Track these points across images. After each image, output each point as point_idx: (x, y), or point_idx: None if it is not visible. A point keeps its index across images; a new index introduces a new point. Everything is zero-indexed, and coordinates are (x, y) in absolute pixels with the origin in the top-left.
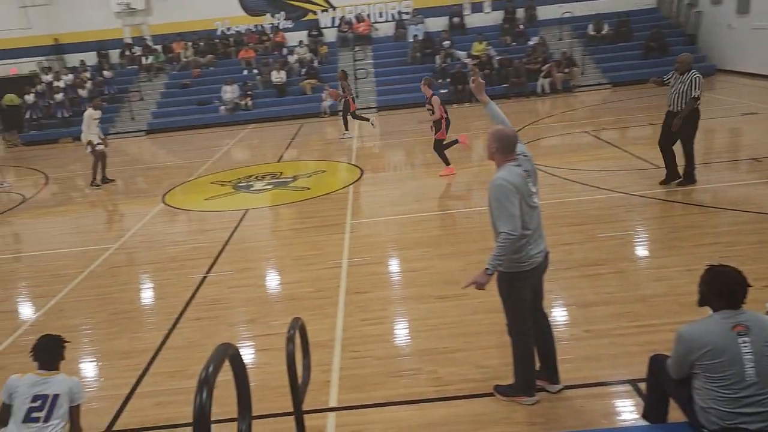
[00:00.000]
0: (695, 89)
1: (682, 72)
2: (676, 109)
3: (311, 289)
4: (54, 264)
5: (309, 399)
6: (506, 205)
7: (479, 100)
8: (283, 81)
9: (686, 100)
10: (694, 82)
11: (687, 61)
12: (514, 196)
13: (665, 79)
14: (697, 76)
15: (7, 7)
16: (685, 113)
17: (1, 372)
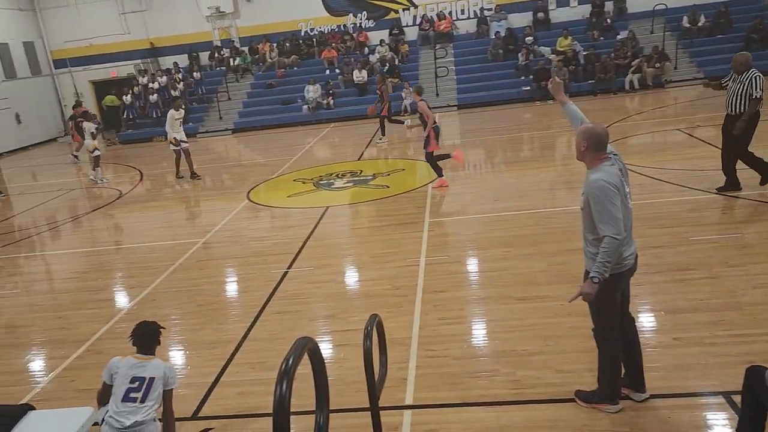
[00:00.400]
0: (756, 89)
1: (740, 72)
2: (735, 112)
3: (389, 286)
4: (147, 256)
5: (385, 396)
6: (610, 208)
7: (557, 100)
8: (364, 80)
9: (746, 102)
10: (753, 82)
11: (742, 60)
12: (616, 197)
13: (723, 81)
14: (756, 74)
15: (108, 15)
16: (748, 115)
17: (99, 356)
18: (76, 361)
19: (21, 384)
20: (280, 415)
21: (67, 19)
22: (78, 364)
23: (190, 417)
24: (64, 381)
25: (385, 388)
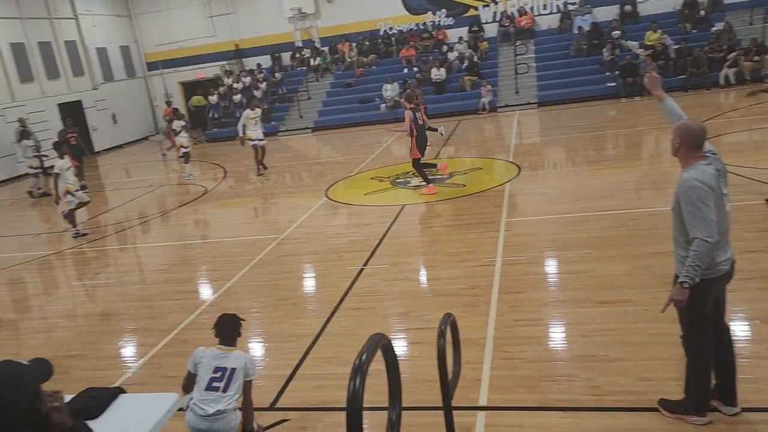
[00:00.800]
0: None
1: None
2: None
3: (464, 285)
4: (230, 251)
5: (458, 395)
6: (702, 209)
7: (654, 96)
8: (442, 78)
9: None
10: None
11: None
12: (709, 198)
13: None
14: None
15: (196, 18)
16: None
17: (184, 345)
18: (163, 349)
19: (113, 368)
20: (353, 410)
21: (159, 23)
22: (165, 351)
23: (268, 407)
24: (152, 368)
25: (459, 388)
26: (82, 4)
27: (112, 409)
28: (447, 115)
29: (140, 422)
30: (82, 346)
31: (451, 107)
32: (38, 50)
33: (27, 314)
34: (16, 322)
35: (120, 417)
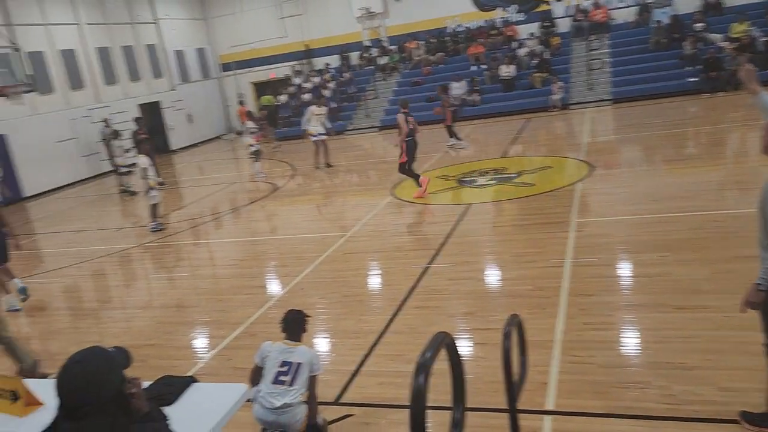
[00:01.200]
0: None
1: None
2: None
3: (531, 287)
4: (297, 247)
5: (524, 398)
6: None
7: (749, 89)
8: (511, 75)
9: None
10: None
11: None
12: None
13: None
14: None
15: (268, 20)
16: None
17: (253, 338)
18: (234, 341)
19: (187, 358)
20: (417, 407)
21: (233, 26)
22: (235, 344)
23: (333, 402)
24: (223, 359)
25: (525, 391)
26: (161, 9)
27: (186, 396)
28: (516, 112)
29: (211, 411)
30: (159, 336)
31: (520, 105)
32: (121, 54)
33: (108, 304)
34: (98, 311)
35: (192, 405)
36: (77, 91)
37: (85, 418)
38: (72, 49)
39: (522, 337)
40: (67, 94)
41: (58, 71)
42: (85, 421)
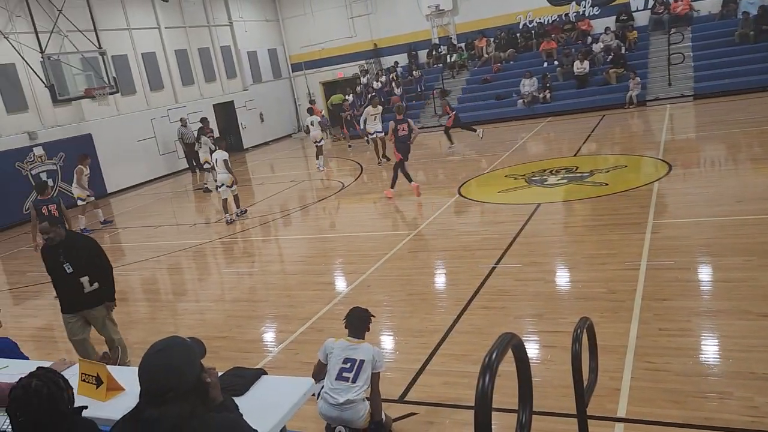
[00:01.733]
0: None
1: None
2: None
3: (603, 289)
4: (364, 245)
5: (594, 404)
6: None
7: None
8: (585, 71)
9: None
10: None
11: None
12: None
13: None
14: None
15: (338, 20)
16: None
17: (320, 334)
18: (300, 336)
19: (256, 351)
20: (482, 408)
21: (303, 26)
22: (302, 339)
23: (397, 400)
24: (290, 353)
25: (595, 396)
26: (236, 11)
27: (255, 388)
28: (589, 110)
29: (279, 403)
30: (230, 328)
31: (594, 102)
32: (198, 55)
33: (183, 297)
34: (174, 303)
35: (261, 396)
36: (156, 92)
37: (167, 404)
38: (153, 51)
39: (593, 341)
40: (148, 95)
41: (140, 73)
42: (166, 407)
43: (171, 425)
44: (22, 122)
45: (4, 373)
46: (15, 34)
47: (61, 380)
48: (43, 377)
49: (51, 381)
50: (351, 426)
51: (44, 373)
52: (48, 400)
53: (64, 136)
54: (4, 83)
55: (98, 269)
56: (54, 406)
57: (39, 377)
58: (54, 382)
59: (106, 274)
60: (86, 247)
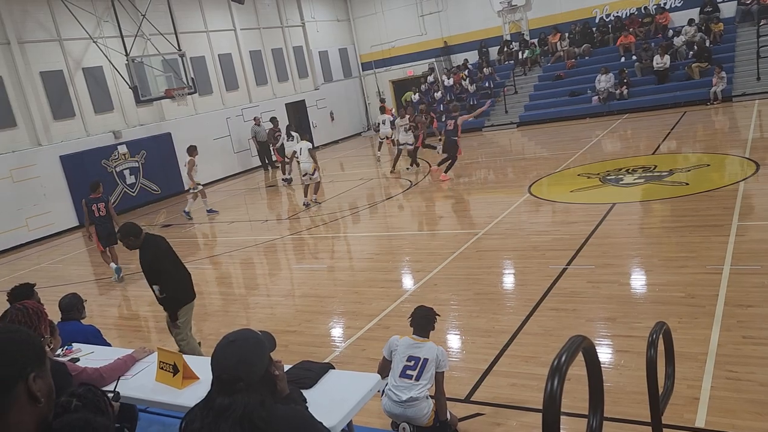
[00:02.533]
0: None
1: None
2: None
3: (682, 294)
4: (431, 243)
5: (670, 413)
6: None
7: None
8: (665, 66)
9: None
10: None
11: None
12: None
13: None
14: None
15: (408, 18)
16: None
17: (386, 330)
18: (367, 332)
19: (324, 346)
20: (550, 412)
21: (374, 25)
22: (368, 335)
23: (463, 399)
24: (357, 348)
25: (671, 404)
26: (308, 11)
27: (323, 382)
28: (669, 106)
29: (346, 397)
30: (299, 323)
31: (675, 98)
32: (271, 56)
33: (254, 291)
34: (246, 297)
35: (329, 390)
36: (231, 92)
37: (237, 393)
38: (228, 53)
39: (669, 346)
40: (223, 95)
41: (216, 74)
42: (237, 396)
43: (241, 413)
44: (108, 122)
45: (90, 359)
46: (103, 39)
47: (102, 401)
48: (83, 398)
49: (91, 403)
50: (415, 423)
51: (86, 393)
52: (84, 425)
53: (146, 135)
54: (92, 85)
55: (160, 278)
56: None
57: (80, 397)
58: (94, 405)
59: (166, 284)
60: (146, 258)
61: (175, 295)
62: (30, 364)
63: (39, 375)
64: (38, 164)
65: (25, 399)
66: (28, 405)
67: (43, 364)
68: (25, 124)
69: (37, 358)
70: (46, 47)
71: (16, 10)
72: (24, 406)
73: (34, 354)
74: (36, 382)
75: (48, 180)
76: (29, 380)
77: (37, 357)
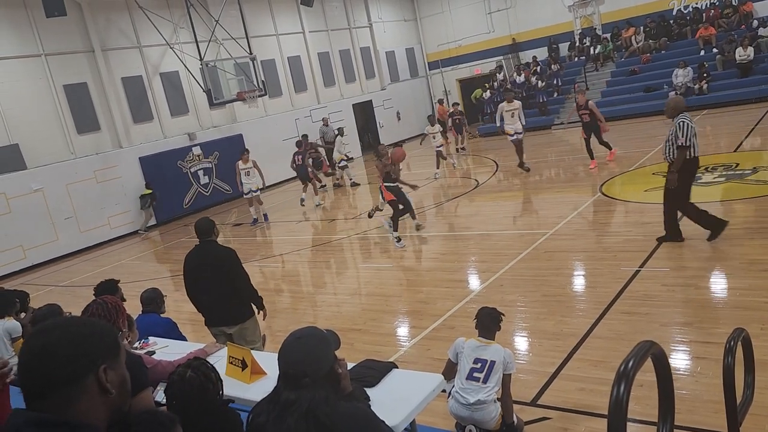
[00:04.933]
0: (681, 136)
1: (671, 116)
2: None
3: (765, 299)
4: (498, 243)
5: (750, 423)
6: None
7: None
8: (749, 58)
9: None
10: (678, 128)
11: (670, 105)
12: None
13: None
14: (682, 121)
15: (475, 16)
16: (676, 166)
17: (452, 331)
18: (432, 332)
19: (389, 345)
20: (616, 418)
21: (441, 24)
22: (433, 335)
23: (529, 402)
24: (422, 348)
25: (750, 415)
26: (375, 12)
27: (386, 381)
28: (754, 101)
29: (409, 397)
30: (364, 321)
31: (760, 92)
32: (339, 57)
33: (321, 289)
34: (314, 295)
35: (392, 390)
36: (300, 94)
37: (303, 389)
38: (297, 55)
39: (749, 354)
40: (292, 97)
41: (285, 76)
42: (302, 391)
43: (306, 408)
44: (183, 124)
45: (165, 352)
46: (179, 45)
47: (213, 374)
48: (197, 369)
49: (203, 374)
50: (482, 427)
51: (199, 366)
52: (198, 390)
53: (219, 137)
54: (169, 89)
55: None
56: (203, 396)
57: (194, 369)
58: (206, 375)
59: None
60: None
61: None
62: (102, 356)
63: (111, 367)
64: (119, 165)
65: (95, 390)
66: (98, 396)
67: (117, 357)
68: (107, 127)
69: (110, 351)
70: (127, 54)
71: (100, 19)
72: (94, 397)
73: (106, 347)
74: (107, 373)
75: (128, 180)
76: (99, 372)
77: (110, 350)
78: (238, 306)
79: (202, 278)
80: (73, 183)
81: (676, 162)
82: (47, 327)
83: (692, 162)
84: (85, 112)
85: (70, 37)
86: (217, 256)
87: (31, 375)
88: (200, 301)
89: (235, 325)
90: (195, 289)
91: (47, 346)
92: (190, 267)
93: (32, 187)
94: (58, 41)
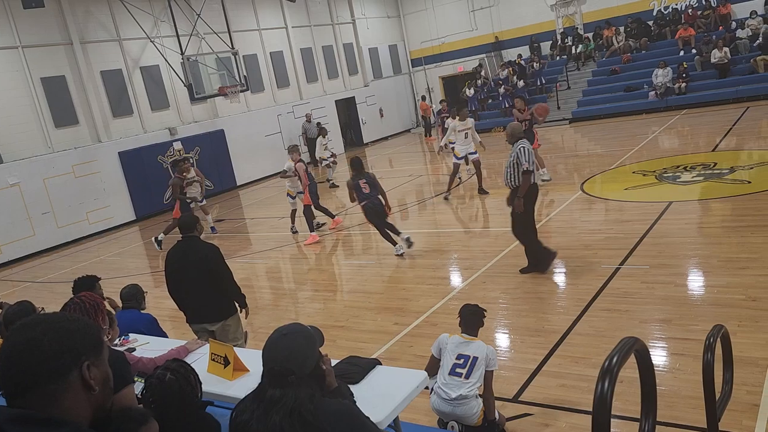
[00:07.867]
0: (524, 161)
1: (510, 142)
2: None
3: (742, 296)
4: (480, 241)
5: (728, 419)
6: None
7: None
8: (726, 60)
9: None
10: (521, 153)
11: (509, 132)
12: None
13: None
14: (522, 147)
15: (458, 14)
16: (522, 191)
17: (434, 328)
18: (415, 329)
19: (372, 342)
20: (601, 414)
21: (424, 21)
22: (416, 332)
23: (511, 399)
24: (404, 345)
25: (729, 410)
26: (359, 8)
27: (369, 377)
28: (731, 101)
29: (393, 393)
30: (347, 318)
31: (737, 92)
32: (322, 53)
33: (303, 286)
34: (295, 291)
35: (375, 386)
36: (283, 90)
37: (288, 386)
38: (280, 50)
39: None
40: (275, 92)
41: (268, 72)
42: (288, 389)
43: (291, 406)
44: (163, 119)
45: (145, 349)
46: (159, 39)
47: (192, 377)
48: (176, 372)
49: (183, 377)
50: (464, 422)
51: (178, 368)
52: (178, 394)
53: (200, 132)
54: (149, 83)
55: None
56: (181, 400)
57: (173, 371)
58: (185, 379)
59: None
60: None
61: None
62: (85, 352)
63: (94, 364)
64: (98, 160)
65: (79, 386)
66: (82, 392)
67: (100, 354)
68: (86, 121)
69: (93, 348)
70: (107, 47)
71: (79, 11)
72: (78, 394)
73: (89, 343)
74: (90, 370)
75: (107, 175)
76: (83, 368)
77: (93, 346)
78: (221, 303)
79: (185, 275)
80: (50, 177)
81: (522, 187)
82: (30, 322)
83: (534, 187)
84: (63, 105)
85: (48, 29)
86: (200, 253)
87: (15, 370)
88: (182, 299)
89: (217, 322)
90: (177, 286)
91: (31, 340)
92: (172, 264)
93: (8, 182)
94: (36, 33)
